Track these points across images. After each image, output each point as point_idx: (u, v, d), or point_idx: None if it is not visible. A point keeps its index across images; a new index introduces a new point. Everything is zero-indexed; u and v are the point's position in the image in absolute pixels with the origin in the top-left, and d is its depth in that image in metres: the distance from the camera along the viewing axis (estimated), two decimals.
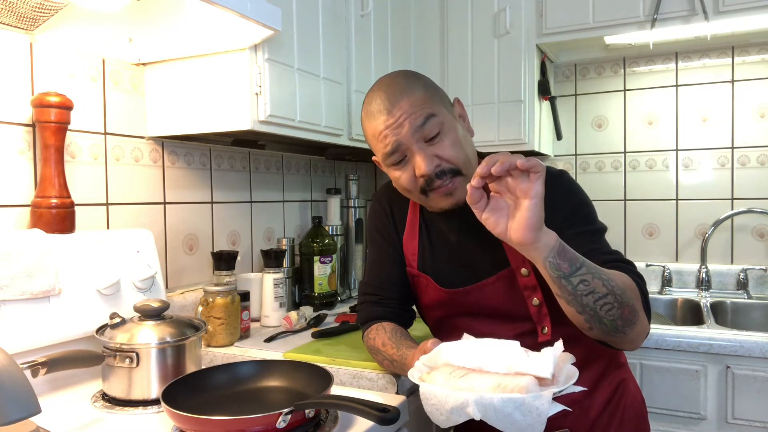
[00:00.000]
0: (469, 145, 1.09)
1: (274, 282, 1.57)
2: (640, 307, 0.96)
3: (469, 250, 1.13)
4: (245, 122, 1.31)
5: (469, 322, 1.14)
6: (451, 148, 1.04)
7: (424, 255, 1.18)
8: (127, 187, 1.41)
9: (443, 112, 1.06)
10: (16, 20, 1.11)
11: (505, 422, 0.72)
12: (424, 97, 1.04)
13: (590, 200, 1.12)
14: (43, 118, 1.15)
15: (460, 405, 0.75)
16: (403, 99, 1.03)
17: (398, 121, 1.03)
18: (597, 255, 1.01)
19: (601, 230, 1.09)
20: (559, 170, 1.13)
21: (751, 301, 2.00)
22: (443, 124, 1.04)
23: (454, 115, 1.10)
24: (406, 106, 1.03)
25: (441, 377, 0.81)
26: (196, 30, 1.21)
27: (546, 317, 1.10)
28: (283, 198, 1.99)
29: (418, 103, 1.03)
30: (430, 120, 1.02)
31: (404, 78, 1.08)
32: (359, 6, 1.75)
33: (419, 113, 1.03)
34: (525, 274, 1.08)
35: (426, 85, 1.08)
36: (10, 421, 0.74)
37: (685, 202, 2.20)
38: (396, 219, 1.22)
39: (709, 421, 1.59)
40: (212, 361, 1.30)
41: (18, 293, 1.03)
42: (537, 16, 2.00)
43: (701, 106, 2.17)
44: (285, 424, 0.83)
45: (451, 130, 1.06)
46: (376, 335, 1.14)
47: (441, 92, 1.11)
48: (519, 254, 1.05)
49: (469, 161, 1.07)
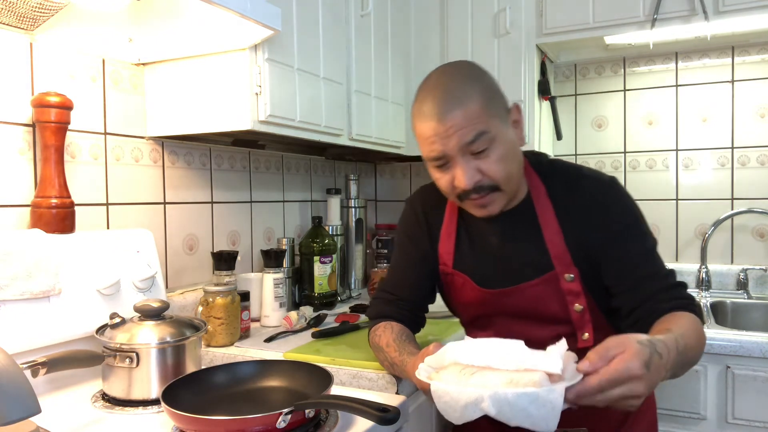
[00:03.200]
0: (516, 158, 1.05)
1: (274, 282, 1.57)
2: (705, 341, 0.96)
3: (512, 253, 1.11)
4: (245, 122, 1.31)
5: (506, 322, 1.14)
6: (496, 164, 1.01)
7: (461, 254, 1.17)
8: (127, 187, 1.41)
9: (496, 125, 1.01)
10: (16, 20, 1.11)
11: (520, 416, 0.74)
12: (479, 109, 0.99)
13: (641, 211, 1.10)
14: (43, 118, 1.15)
15: (474, 401, 0.75)
16: (457, 110, 0.99)
17: (447, 132, 0.99)
18: (656, 280, 1.03)
19: (655, 246, 1.08)
20: (610, 178, 1.11)
21: (751, 301, 2.00)
22: (493, 140, 1.00)
23: (507, 123, 1.04)
24: (458, 119, 0.98)
25: (451, 376, 0.81)
26: (196, 30, 1.21)
27: (588, 323, 1.09)
28: (283, 198, 1.99)
29: (472, 117, 0.98)
30: (480, 138, 0.99)
31: (463, 81, 1.02)
32: (359, 6, 1.75)
33: (470, 129, 0.98)
34: (569, 280, 1.07)
35: (484, 92, 1.01)
36: (10, 421, 0.74)
37: (685, 202, 2.20)
38: (430, 222, 1.21)
39: (709, 421, 1.59)
40: (212, 361, 1.30)
41: (18, 293, 1.03)
42: (537, 16, 2.00)
43: (701, 106, 2.17)
44: (285, 424, 0.83)
45: (500, 145, 1.01)
46: (382, 333, 1.14)
47: (499, 98, 1.05)
48: (564, 259, 1.06)
49: (512, 177, 1.04)
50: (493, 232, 1.13)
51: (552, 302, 1.09)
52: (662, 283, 1.03)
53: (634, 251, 1.05)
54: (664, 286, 1.03)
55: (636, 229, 1.07)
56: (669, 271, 1.07)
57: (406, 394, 1.12)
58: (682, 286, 1.05)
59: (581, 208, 1.08)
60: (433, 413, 1.33)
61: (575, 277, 1.07)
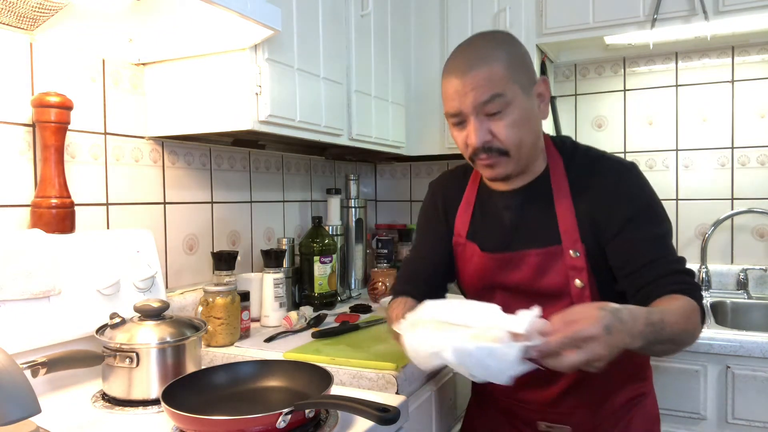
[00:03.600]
0: (531, 128, 1.08)
1: (274, 282, 1.57)
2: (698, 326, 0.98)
3: (522, 224, 1.15)
4: (245, 122, 1.31)
5: (506, 298, 1.14)
6: (507, 128, 1.04)
7: (474, 226, 1.21)
8: (127, 187, 1.41)
9: (515, 91, 1.04)
10: (16, 20, 1.11)
11: (478, 367, 0.82)
12: (501, 71, 1.03)
13: (658, 198, 1.11)
14: (43, 118, 1.15)
15: (439, 350, 0.84)
16: (479, 69, 1.03)
17: (465, 89, 1.03)
18: (661, 265, 1.03)
19: (667, 233, 1.09)
20: (630, 163, 1.13)
21: (751, 301, 2.00)
22: (509, 104, 1.03)
23: (530, 94, 1.07)
24: (479, 78, 1.03)
25: (425, 330, 0.89)
26: (196, 30, 1.21)
27: (587, 300, 1.09)
28: (283, 198, 1.99)
29: (492, 78, 1.02)
30: (495, 99, 1.03)
31: (491, 43, 1.07)
32: (359, 6, 1.75)
33: (487, 89, 1.02)
34: (575, 255, 1.09)
35: (511, 59, 1.05)
36: (10, 421, 0.74)
37: (685, 202, 2.20)
38: (447, 201, 1.27)
39: (709, 421, 1.59)
40: (212, 361, 1.30)
41: (18, 293, 1.03)
42: (537, 16, 2.00)
43: (701, 106, 2.17)
44: (285, 424, 0.83)
45: (516, 110, 1.04)
46: (396, 306, 1.17)
47: (526, 68, 1.08)
48: (573, 235, 1.08)
49: (523, 145, 1.07)
50: (507, 206, 1.16)
51: (553, 275, 1.10)
52: (666, 269, 1.03)
53: (644, 236, 1.06)
54: (668, 272, 1.03)
55: (648, 214, 1.08)
56: (677, 258, 1.07)
57: (406, 394, 1.12)
58: (687, 273, 1.05)
59: (596, 187, 1.09)
60: (433, 413, 1.33)
61: (581, 253, 1.08)
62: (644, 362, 1.22)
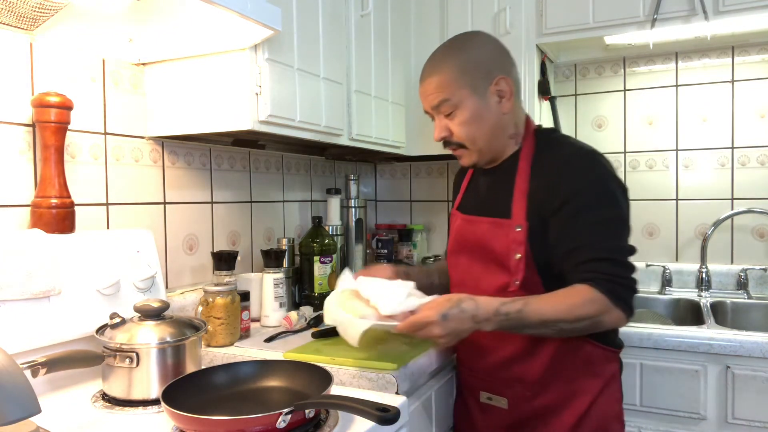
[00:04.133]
0: (484, 125, 1.22)
1: (274, 282, 1.57)
2: (603, 311, 1.08)
3: (488, 197, 1.30)
4: (245, 122, 1.31)
5: (468, 263, 1.30)
6: (458, 126, 1.22)
7: (465, 198, 1.40)
8: (127, 187, 1.41)
9: (464, 95, 1.20)
10: (16, 20, 1.11)
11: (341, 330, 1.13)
12: (449, 79, 1.20)
13: (610, 185, 1.15)
14: (43, 118, 1.15)
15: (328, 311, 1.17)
16: (431, 77, 1.22)
17: (424, 93, 1.25)
18: (583, 252, 1.11)
19: (607, 220, 1.12)
20: (589, 150, 1.20)
21: (751, 301, 2.00)
22: (457, 106, 1.21)
23: (484, 94, 1.21)
24: (431, 85, 1.22)
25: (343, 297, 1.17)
26: (196, 30, 1.21)
27: (521, 272, 1.18)
28: (283, 198, 1.99)
29: (441, 85, 1.21)
30: (443, 104, 1.21)
31: (448, 51, 1.24)
32: (359, 6, 1.75)
33: (436, 95, 1.21)
34: (517, 229, 1.19)
35: (461, 63, 1.20)
36: (10, 421, 0.74)
37: (685, 202, 2.20)
38: (456, 188, 1.48)
39: (709, 421, 1.59)
40: (212, 361, 1.30)
41: (18, 293, 1.03)
42: (537, 16, 2.00)
43: (701, 106, 2.17)
44: (285, 424, 0.83)
45: (465, 111, 1.21)
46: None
47: (479, 71, 1.21)
48: (520, 212, 1.19)
49: (477, 139, 1.23)
50: (484, 182, 1.33)
51: (498, 244, 1.22)
52: (586, 256, 1.10)
53: (580, 220, 1.12)
54: (586, 259, 1.10)
55: (587, 198, 1.13)
56: (608, 245, 1.11)
57: (406, 394, 1.12)
58: (611, 260, 1.09)
59: (547, 167, 1.19)
60: (433, 413, 1.33)
61: (523, 229, 1.18)
62: (595, 358, 1.22)
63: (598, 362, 1.22)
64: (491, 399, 1.29)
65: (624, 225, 1.15)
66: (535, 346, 1.21)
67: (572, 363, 1.21)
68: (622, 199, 1.16)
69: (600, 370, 1.22)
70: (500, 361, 1.26)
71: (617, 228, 1.13)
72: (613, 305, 1.07)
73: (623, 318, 1.10)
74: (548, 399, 1.22)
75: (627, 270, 1.11)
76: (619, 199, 1.15)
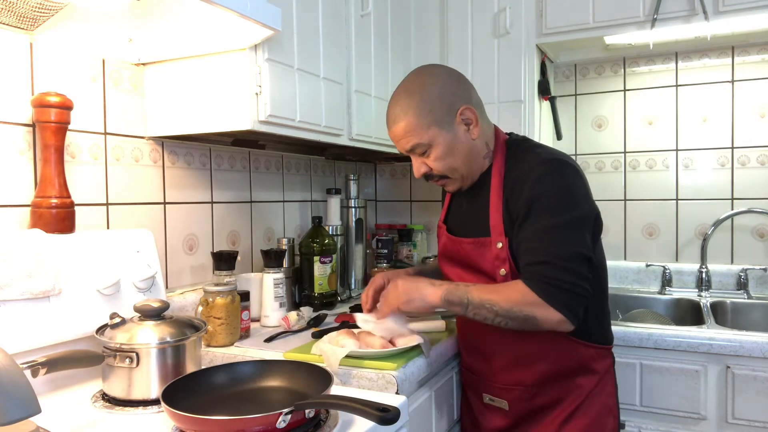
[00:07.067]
0: (459, 154, 1.25)
1: (274, 282, 1.57)
2: (534, 307, 1.10)
3: (468, 216, 1.34)
4: (245, 122, 1.31)
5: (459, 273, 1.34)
6: (436, 161, 1.25)
7: (449, 213, 1.44)
8: (127, 187, 1.41)
9: (431, 133, 1.22)
10: (16, 20, 1.11)
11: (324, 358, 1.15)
12: (415, 122, 1.22)
13: (567, 190, 1.17)
14: (43, 118, 1.15)
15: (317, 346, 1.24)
16: (396, 125, 1.25)
17: (395, 140, 1.28)
18: (531, 254, 1.15)
19: (560, 225, 1.13)
20: (552, 157, 1.21)
21: (751, 301, 2.00)
22: (430, 145, 1.24)
23: (451, 127, 1.23)
24: (398, 132, 1.25)
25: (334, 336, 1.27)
26: (196, 30, 1.21)
27: None
28: (283, 198, 1.99)
29: (409, 130, 1.23)
30: (415, 148, 1.25)
31: (404, 94, 1.24)
32: (359, 6, 1.75)
33: (407, 140, 1.24)
34: (498, 247, 1.22)
35: (421, 105, 1.21)
36: (10, 421, 0.74)
37: (685, 202, 2.20)
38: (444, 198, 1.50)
39: (709, 421, 1.59)
40: (212, 361, 1.30)
41: (18, 293, 1.03)
42: (537, 16, 2.00)
43: (701, 106, 2.17)
44: (285, 424, 0.83)
45: (438, 147, 1.23)
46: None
47: (438, 106, 1.22)
48: (498, 228, 1.23)
49: (456, 168, 1.26)
50: (464, 200, 1.37)
51: (484, 262, 1.26)
52: (533, 259, 1.14)
53: (534, 226, 1.15)
54: (532, 262, 1.14)
55: (542, 204, 1.15)
56: (554, 251, 1.12)
57: (406, 394, 1.12)
58: (551, 265, 1.11)
59: (516, 181, 1.22)
60: (433, 413, 1.33)
61: (503, 245, 1.21)
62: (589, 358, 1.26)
63: (592, 361, 1.27)
64: (493, 401, 1.34)
65: (576, 231, 1.15)
66: (534, 352, 1.24)
67: (569, 365, 1.25)
68: (584, 205, 1.18)
69: (595, 368, 1.28)
70: (500, 366, 1.30)
71: (567, 234, 1.13)
72: (547, 304, 1.09)
73: (563, 320, 1.10)
74: (546, 398, 1.27)
75: (567, 274, 1.10)
76: (577, 206, 1.16)
